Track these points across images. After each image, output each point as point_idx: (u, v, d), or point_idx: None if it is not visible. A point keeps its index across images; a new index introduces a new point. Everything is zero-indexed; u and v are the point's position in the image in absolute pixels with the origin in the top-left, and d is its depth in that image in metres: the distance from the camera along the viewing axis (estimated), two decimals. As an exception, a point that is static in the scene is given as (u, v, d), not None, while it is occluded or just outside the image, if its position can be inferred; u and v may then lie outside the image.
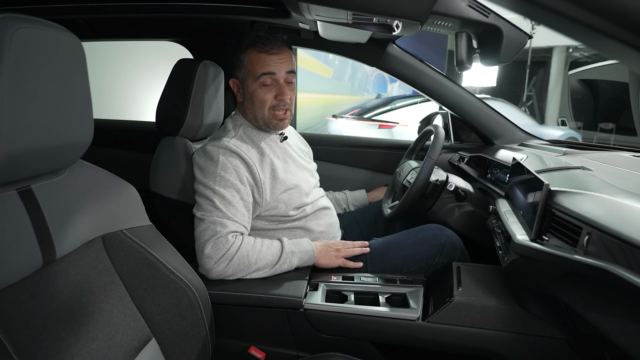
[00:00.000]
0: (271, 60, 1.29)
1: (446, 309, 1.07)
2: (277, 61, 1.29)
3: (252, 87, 1.32)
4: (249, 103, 1.35)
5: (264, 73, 1.29)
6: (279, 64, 1.30)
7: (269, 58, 1.29)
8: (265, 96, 1.31)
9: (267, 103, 1.31)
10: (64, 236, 0.75)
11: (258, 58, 1.29)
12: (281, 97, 1.31)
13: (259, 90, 1.31)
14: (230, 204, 1.21)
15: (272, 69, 1.29)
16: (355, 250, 1.33)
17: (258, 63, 1.29)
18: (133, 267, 0.88)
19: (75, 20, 1.69)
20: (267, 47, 1.28)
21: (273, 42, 1.29)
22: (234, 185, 1.23)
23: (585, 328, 0.87)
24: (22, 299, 0.67)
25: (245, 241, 1.19)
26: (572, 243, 0.81)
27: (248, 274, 1.19)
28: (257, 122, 1.36)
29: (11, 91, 0.61)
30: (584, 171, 1.16)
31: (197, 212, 1.22)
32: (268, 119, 1.33)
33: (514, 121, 1.88)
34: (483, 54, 1.26)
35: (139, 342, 0.85)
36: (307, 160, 1.53)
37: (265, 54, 1.29)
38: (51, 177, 0.77)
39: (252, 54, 1.30)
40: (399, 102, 5.22)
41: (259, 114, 1.34)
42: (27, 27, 0.63)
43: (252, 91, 1.32)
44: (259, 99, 1.31)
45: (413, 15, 1.03)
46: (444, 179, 1.52)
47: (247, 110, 1.36)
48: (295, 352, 1.18)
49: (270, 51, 1.29)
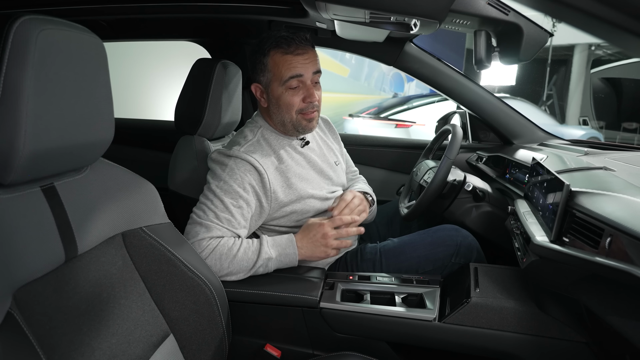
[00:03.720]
0: (297, 62, 1.22)
1: (463, 310, 1.06)
2: (303, 62, 1.23)
3: (279, 91, 1.25)
4: (275, 108, 1.28)
5: (292, 76, 1.22)
6: (305, 65, 1.23)
7: (294, 59, 1.22)
8: (293, 99, 1.24)
9: (295, 106, 1.25)
10: (86, 233, 0.76)
11: (283, 60, 1.22)
12: (310, 99, 1.25)
13: (285, 93, 1.24)
14: (226, 209, 1.17)
15: (299, 70, 1.23)
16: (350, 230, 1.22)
17: (284, 65, 1.22)
18: (152, 264, 0.89)
19: (97, 21, 1.73)
20: (291, 48, 1.22)
21: (297, 42, 1.22)
22: (236, 192, 1.19)
23: (606, 331, 0.85)
24: (46, 293, 0.68)
25: (221, 244, 1.14)
26: (594, 245, 0.79)
27: (220, 277, 1.14)
28: (284, 127, 1.30)
29: (36, 91, 0.62)
30: (606, 172, 1.14)
31: (194, 209, 1.20)
32: (297, 121, 1.27)
33: (534, 120, 1.85)
34: (502, 53, 1.24)
35: (157, 338, 0.86)
36: (331, 163, 1.44)
37: (291, 55, 1.22)
38: (73, 175, 0.79)
39: (277, 56, 1.23)
40: (416, 102, 5.18)
41: (287, 118, 1.27)
42: (51, 28, 0.65)
43: (279, 95, 1.25)
44: (286, 103, 1.25)
45: (431, 14, 1.02)
46: (462, 178, 1.50)
47: (273, 115, 1.30)
48: (311, 351, 1.18)
49: (295, 52, 1.22)
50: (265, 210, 1.26)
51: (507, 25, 1.13)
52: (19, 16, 0.62)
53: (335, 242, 1.22)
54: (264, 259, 1.18)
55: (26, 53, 0.61)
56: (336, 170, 1.45)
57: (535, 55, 1.17)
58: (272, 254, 1.19)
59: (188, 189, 1.41)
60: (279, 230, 1.34)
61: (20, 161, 0.63)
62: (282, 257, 1.20)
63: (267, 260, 1.18)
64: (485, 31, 1.23)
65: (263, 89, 1.30)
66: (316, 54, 1.28)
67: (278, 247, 1.21)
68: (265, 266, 1.19)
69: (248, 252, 1.17)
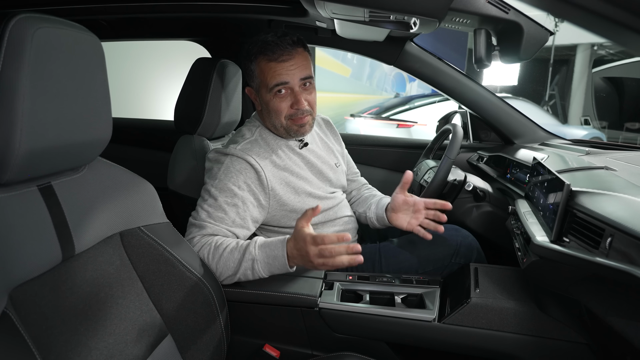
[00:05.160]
0: (282, 69, 1.21)
1: (463, 311, 1.06)
2: (288, 69, 1.21)
3: (267, 97, 1.25)
4: (265, 112, 1.29)
5: (277, 84, 1.21)
6: (291, 72, 1.21)
7: (279, 67, 1.21)
8: (281, 105, 1.24)
9: (283, 112, 1.25)
10: (83, 232, 0.76)
11: (268, 68, 1.22)
12: (297, 106, 1.23)
13: (273, 100, 1.24)
14: (220, 208, 1.16)
15: (284, 78, 1.21)
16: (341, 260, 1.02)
17: (269, 74, 1.22)
18: (150, 263, 0.89)
19: (97, 20, 1.73)
20: (275, 55, 1.20)
21: (282, 48, 1.20)
22: (230, 190, 1.18)
23: (607, 332, 0.84)
24: (42, 293, 0.68)
25: (209, 242, 1.12)
26: (594, 245, 0.79)
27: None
28: (277, 130, 1.31)
29: (32, 89, 0.62)
30: (608, 171, 1.13)
31: (192, 212, 1.21)
32: (288, 126, 1.27)
33: (536, 120, 1.85)
34: (503, 52, 1.23)
35: (155, 338, 0.86)
36: (331, 164, 1.43)
37: (274, 63, 1.21)
38: (71, 174, 0.78)
39: (262, 63, 1.22)
40: (418, 101, 5.17)
41: (278, 123, 1.27)
42: (47, 26, 0.64)
43: (267, 101, 1.25)
44: (275, 109, 1.25)
45: (431, 12, 1.02)
46: (462, 178, 1.50)
47: (266, 118, 1.31)
48: (309, 351, 1.18)
49: (279, 59, 1.20)
50: (265, 209, 1.26)
51: (507, 24, 1.12)
52: (14, 14, 0.62)
53: (320, 260, 1.04)
54: (248, 260, 1.09)
55: (22, 51, 0.61)
56: (336, 171, 1.45)
57: (536, 54, 1.16)
58: (258, 256, 1.09)
59: (187, 188, 1.41)
60: (282, 231, 1.33)
61: (16, 160, 0.62)
62: (270, 259, 1.09)
63: (252, 261, 1.09)
64: (485, 30, 1.23)
65: (255, 93, 1.30)
66: (306, 57, 1.26)
67: (266, 249, 1.11)
68: (251, 269, 1.10)
69: (234, 252, 1.11)
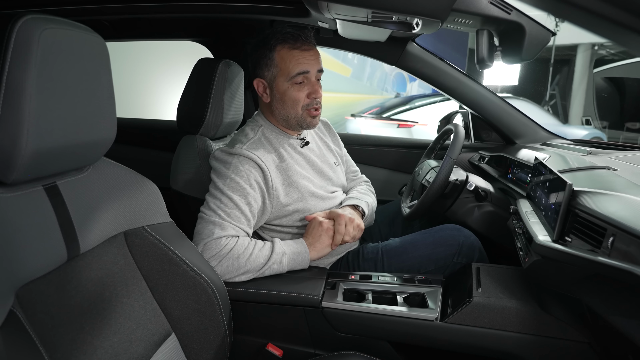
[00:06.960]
0: (304, 58, 1.24)
1: (465, 310, 1.06)
2: (309, 58, 1.25)
3: (284, 87, 1.26)
4: (278, 103, 1.29)
5: (299, 72, 1.24)
6: (311, 62, 1.25)
7: (302, 55, 1.24)
8: (299, 95, 1.26)
9: (300, 102, 1.27)
10: (88, 231, 0.77)
11: (291, 55, 1.24)
12: (314, 95, 1.27)
13: (291, 89, 1.26)
14: (236, 207, 1.18)
15: (306, 67, 1.24)
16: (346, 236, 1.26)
17: (291, 61, 1.24)
18: (154, 263, 0.89)
19: (100, 21, 1.73)
20: (298, 44, 1.24)
21: (303, 38, 1.24)
22: (243, 189, 1.19)
23: (609, 331, 0.85)
24: (48, 292, 0.69)
25: (239, 244, 1.15)
26: (596, 244, 0.79)
27: (236, 276, 1.14)
28: (287, 123, 1.32)
29: (38, 90, 0.63)
30: (609, 171, 1.14)
31: (202, 209, 1.20)
32: (302, 117, 1.29)
33: (537, 120, 1.85)
34: (505, 52, 1.24)
35: (159, 337, 0.86)
36: (330, 163, 1.45)
37: (298, 51, 1.24)
38: (76, 174, 0.79)
39: (284, 51, 1.24)
40: (418, 101, 5.17)
41: (292, 114, 1.29)
42: (53, 27, 0.65)
43: (284, 90, 1.26)
44: (292, 99, 1.26)
45: (433, 13, 1.02)
46: (464, 178, 1.50)
47: (276, 111, 1.31)
48: (312, 350, 1.18)
49: (302, 47, 1.24)
50: (268, 209, 1.27)
51: (510, 25, 1.13)
52: (21, 16, 0.62)
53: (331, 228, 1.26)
54: (278, 254, 1.18)
55: (29, 52, 0.61)
56: (336, 170, 1.46)
57: (538, 54, 1.17)
58: (286, 250, 1.20)
59: (190, 188, 1.41)
60: (283, 231, 1.34)
61: (22, 160, 0.63)
62: (294, 254, 1.21)
63: (282, 255, 1.19)
64: (487, 30, 1.23)
65: (267, 84, 1.30)
66: (319, 52, 1.30)
67: (289, 246, 1.22)
68: (279, 262, 1.18)
69: (262, 250, 1.18)
